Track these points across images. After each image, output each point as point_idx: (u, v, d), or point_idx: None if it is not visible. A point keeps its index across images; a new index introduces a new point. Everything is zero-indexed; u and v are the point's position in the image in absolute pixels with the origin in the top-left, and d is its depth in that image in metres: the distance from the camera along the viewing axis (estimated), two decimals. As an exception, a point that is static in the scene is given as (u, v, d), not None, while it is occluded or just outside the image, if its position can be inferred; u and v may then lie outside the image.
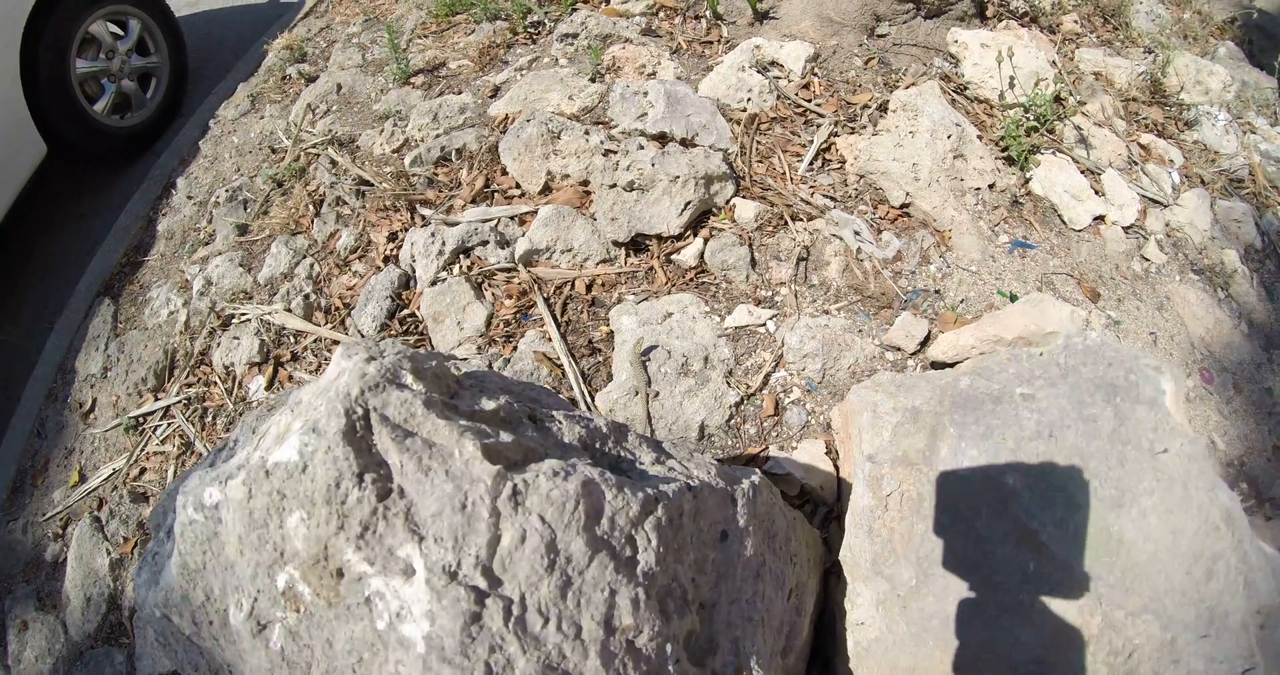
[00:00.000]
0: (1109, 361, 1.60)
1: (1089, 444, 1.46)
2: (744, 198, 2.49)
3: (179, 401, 2.98)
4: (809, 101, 2.85)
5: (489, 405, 1.08)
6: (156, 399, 3.05)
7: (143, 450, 2.97)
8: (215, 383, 2.95)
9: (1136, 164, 3.60)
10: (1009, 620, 1.39)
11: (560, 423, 1.17)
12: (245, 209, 3.14)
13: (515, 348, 2.39)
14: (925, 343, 2.48)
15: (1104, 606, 1.37)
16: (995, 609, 1.40)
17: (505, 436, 0.99)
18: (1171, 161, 3.69)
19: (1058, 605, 1.37)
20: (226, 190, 3.22)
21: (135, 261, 3.50)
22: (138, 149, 3.98)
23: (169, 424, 2.99)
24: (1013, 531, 1.40)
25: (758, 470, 1.46)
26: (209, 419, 2.92)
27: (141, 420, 3.03)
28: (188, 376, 3.05)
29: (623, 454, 1.21)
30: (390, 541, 0.88)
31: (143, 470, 3.00)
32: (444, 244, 2.51)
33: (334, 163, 2.98)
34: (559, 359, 2.32)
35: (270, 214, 3.01)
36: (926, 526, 1.45)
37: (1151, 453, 1.46)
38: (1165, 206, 3.47)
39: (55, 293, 3.94)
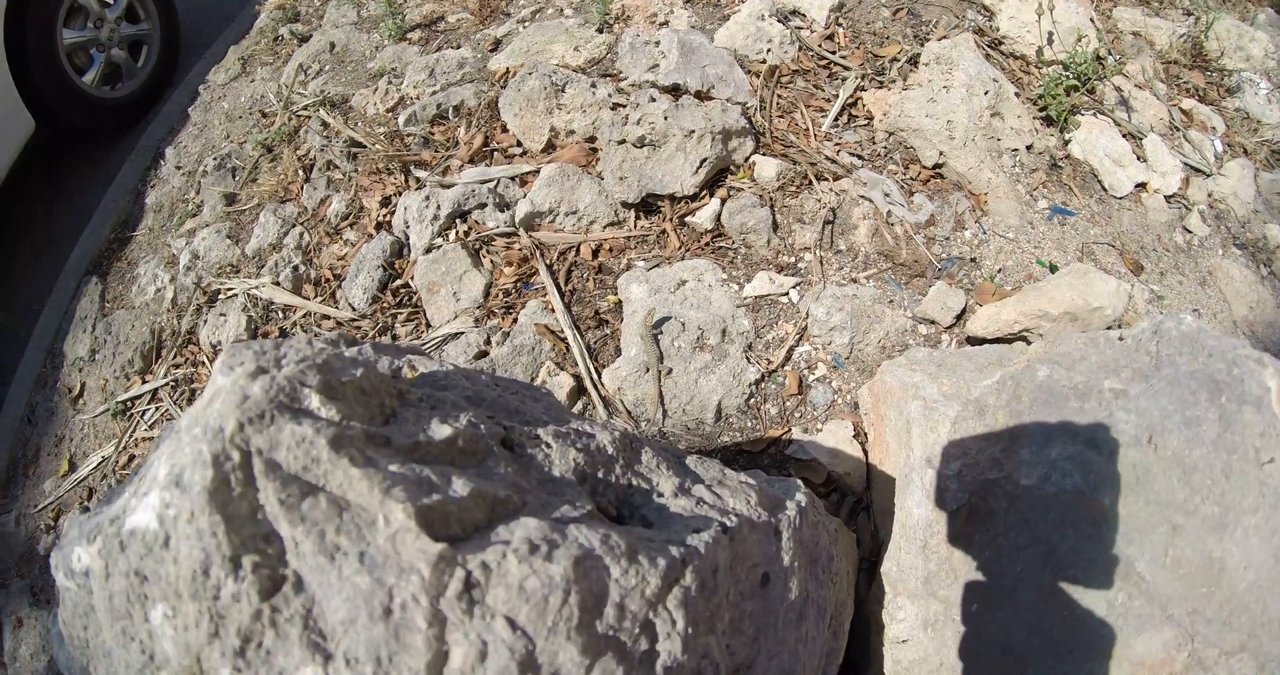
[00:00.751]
0: (1209, 352, 1.31)
1: (1192, 452, 1.18)
2: (764, 155, 2.21)
3: (166, 384, 2.75)
4: (833, 53, 2.56)
5: (442, 431, 0.78)
6: (144, 382, 2.82)
7: (131, 436, 2.74)
8: (203, 363, 2.71)
9: (1178, 130, 3.28)
10: (1082, 656, 1.13)
11: (548, 447, 0.89)
12: (234, 177, 2.89)
13: (515, 320, 2.13)
14: (961, 316, 2.20)
15: (1195, 644, 1.11)
16: (1070, 643, 1.14)
17: (458, 487, 0.69)
18: (1214, 129, 3.36)
19: (1143, 641, 1.10)
20: (215, 158, 2.96)
21: (123, 237, 3.26)
22: (130, 120, 3.73)
23: (157, 408, 2.76)
24: (1103, 558, 1.13)
25: (799, 482, 1.18)
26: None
27: (129, 404, 2.80)
28: (175, 357, 2.81)
29: (635, 483, 0.94)
30: (282, 662, 0.60)
31: (131, 457, 2.77)
32: (439, 208, 2.24)
33: (325, 125, 2.71)
34: (563, 332, 2.05)
35: (259, 181, 2.75)
36: (997, 548, 1.18)
37: (1258, 463, 1.18)
38: (1208, 176, 3.16)
39: (49, 274, 3.70)
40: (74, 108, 3.53)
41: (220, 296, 2.71)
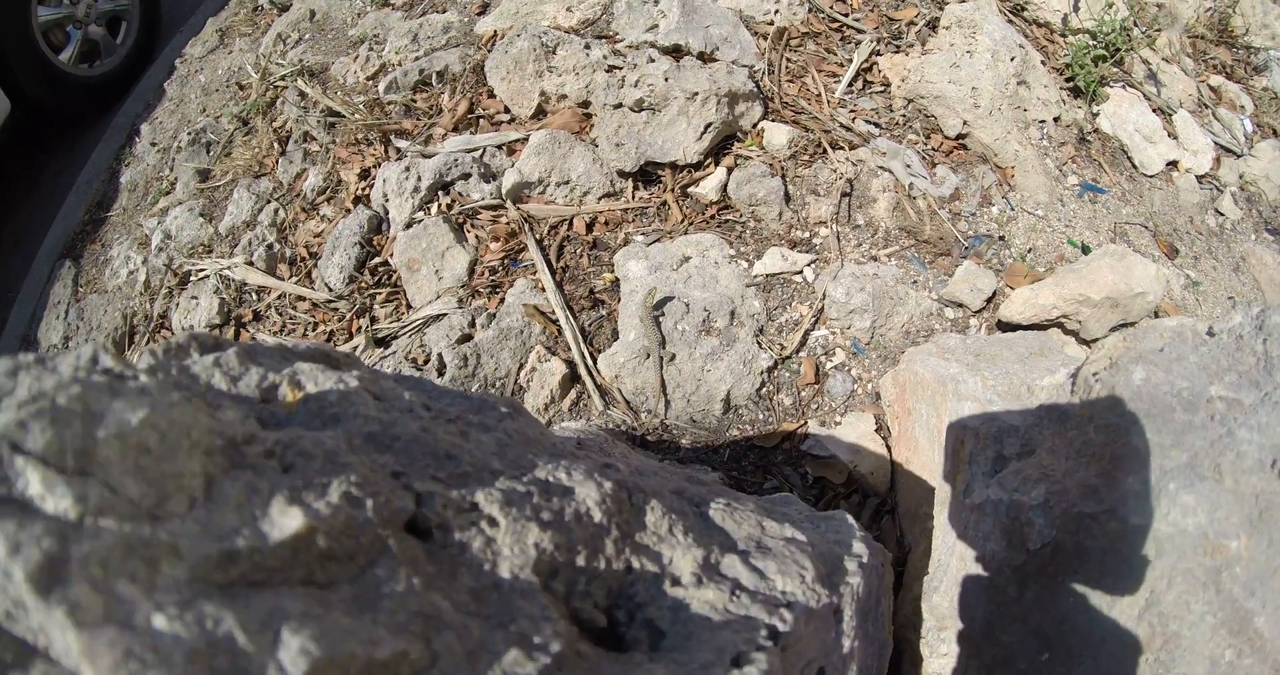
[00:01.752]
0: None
1: (1324, 482, 0.92)
2: (774, 121, 1.94)
3: (137, 368, 2.46)
4: (846, 15, 2.29)
5: (286, 522, 0.47)
6: (115, 366, 2.53)
7: (100, 422, 2.46)
8: (175, 346, 2.43)
9: (1207, 107, 3.00)
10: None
11: (493, 525, 0.59)
12: (208, 152, 2.62)
13: (502, 300, 1.87)
14: (991, 299, 1.94)
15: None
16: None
17: (293, 651, 0.40)
18: (1242, 107, 3.09)
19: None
20: (189, 133, 2.69)
21: (98, 218, 2.99)
22: (110, 99, 3.44)
23: (127, 393, 2.48)
24: (1218, 610, 0.86)
25: (851, 521, 0.91)
26: (167, 387, 2.40)
27: (99, 389, 2.51)
28: (148, 342, 2.54)
29: (638, 565, 0.64)
30: None
31: (100, 444, 2.49)
32: (419, 179, 1.97)
33: (302, 95, 2.43)
34: (554, 313, 1.79)
35: (232, 155, 2.48)
36: (1086, 594, 0.92)
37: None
38: (1239, 156, 2.88)
39: (29, 259, 3.42)
40: (50, 88, 3.26)
41: (192, 278, 2.44)
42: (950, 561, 1.15)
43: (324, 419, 0.58)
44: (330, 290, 2.15)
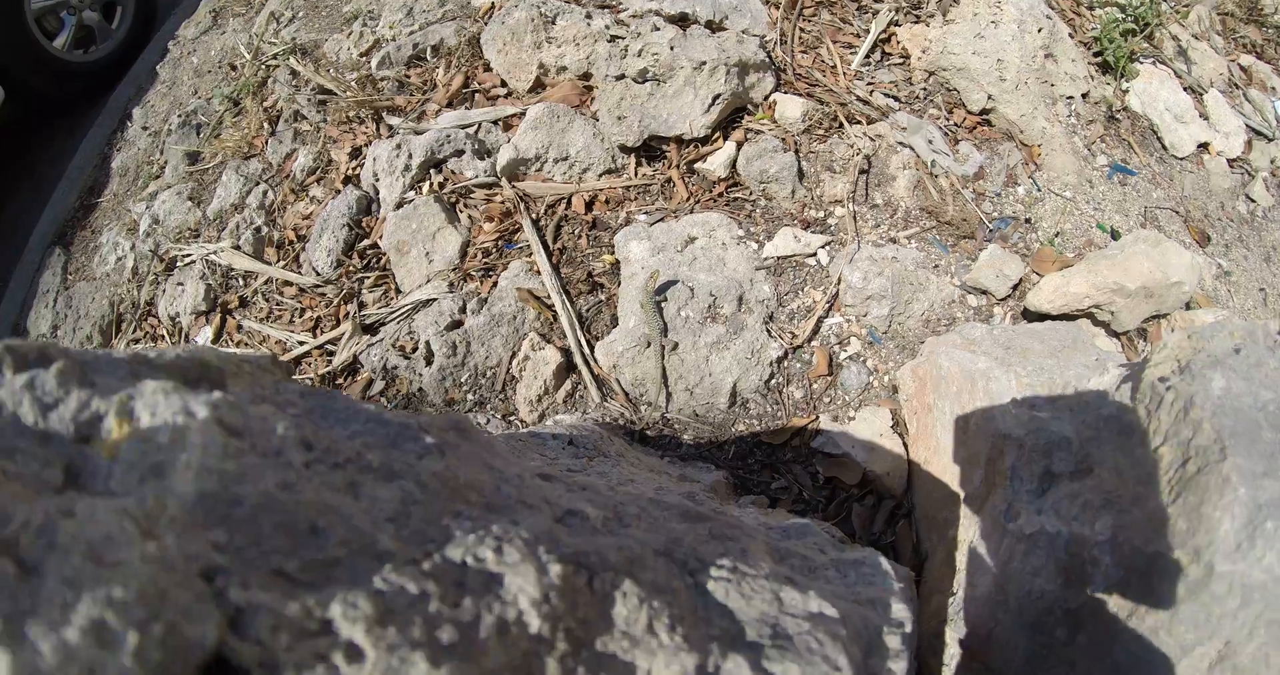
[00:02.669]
0: None
1: None
2: (787, 93, 1.77)
3: (125, 357, 2.33)
4: (865, -15, 2.10)
5: None
6: (103, 354, 2.40)
7: (87, 412, 2.32)
8: (163, 336, 2.30)
9: (1238, 87, 2.80)
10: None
11: (349, 658, 0.39)
12: (198, 134, 2.48)
13: (495, 284, 1.72)
14: (1017, 286, 1.77)
15: None
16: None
17: None
18: (1274, 89, 2.88)
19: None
20: (180, 115, 2.55)
21: (89, 204, 2.85)
22: (105, 85, 3.30)
23: (115, 382, 2.35)
24: None
25: (890, 571, 0.73)
26: (154, 376, 2.27)
27: (87, 378, 2.38)
28: (135, 331, 2.41)
29: None
30: None
31: (88, 434, 2.36)
32: (410, 157, 1.82)
33: (294, 73, 2.28)
34: (549, 298, 1.64)
35: (222, 137, 2.33)
36: (1149, 640, 0.74)
37: None
38: (1270, 140, 2.68)
39: (22, 246, 3.30)
40: (45, 74, 3.15)
41: (178, 264, 2.30)
42: (983, 587, 0.99)
43: (145, 470, 0.39)
44: (318, 274, 2.00)
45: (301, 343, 1.94)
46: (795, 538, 0.86)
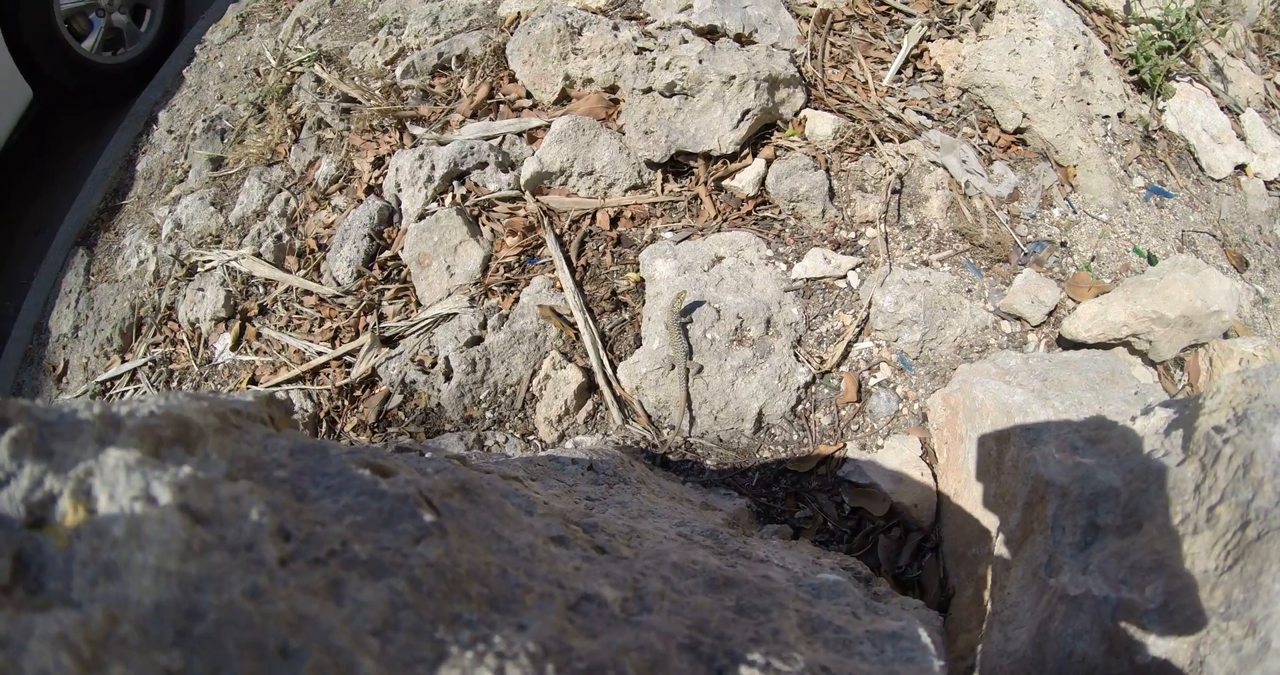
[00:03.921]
0: None
1: None
2: (818, 109, 1.70)
3: (145, 364, 2.32)
4: (896, -1, 2.02)
5: None
6: (123, 361, 2.40)
7: (107, 416, 2.29)
8: (182, 341, 2.27)
9: (1274, 106, 2.69)
10: None
11: None
12: (222, 140, 2.44)
13: (517, 300, 1.66)
14: (1053, 312, 1.68)
15: None
16: None
17: None
18: (1310, 108, 2.76)
19: None
20: (205, 120, 2.52)
21: (114, 206, 2.83)
22: (133, 87, 3.28)
23: (135, 389, 2.33)
24: None
25: (932, 651, 0.65)
26: (175, 384, 2.25)
27: (108, 385, 2.38)
28: (155, 334, 2.38)
29: None
30: None
31: (108, 438, 2.33)
32: (433, 168, 1.76)
33: (319, 80, 2.23)
34: (571, 316, 1.57)
35: (245, 143, 2.29)
36: None
37: None
38: (1307, 161, 2.56)
39: (46, 247, 3.29)
40: (73, 75, 3.12)
41: (199, 270, 2.26)
42: (1017, 642, 0.91)
43: (99, 569, 0.32)
44: (338, 284, 1.95)
45: (320, 353, 1.89)
46: (827, 598, 0.78)
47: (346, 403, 1.85)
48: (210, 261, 2.22)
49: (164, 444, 0.43)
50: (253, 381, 2.02)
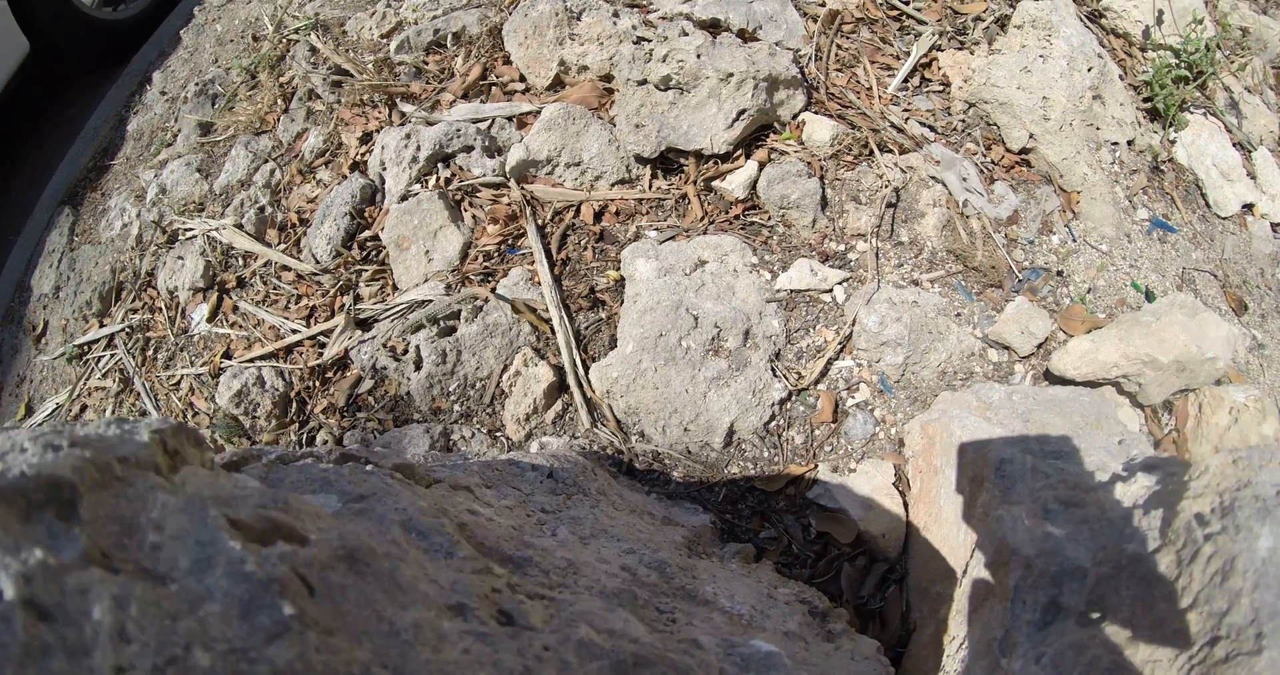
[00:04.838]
0: None
1: None
2: (817, 114, 1.61)
3: (122, 329, 2.25)
4: (906, 3, 1.93)
5: None
6: (101, 326, 2.33)
7: (85, 384, 2.26)
8: (160, 309, 2.19)
9: (1287, 146, 2.59)
10: None
11: None
12: (213, 105, 2.34)
13: (494, 289, 1.57)
14: (1042, 345, 1.61)
15: None
16: None
17: None
18: (1324, 150, 2.67)
19: None
20: (198, 83, 2.42)
21: (102, 166, 2.73)
22: (131, 45, 3.16)
23: (111, 355, 2.26)
24: None
25: None
26: (150, 352, 2.18)
27: (85, 349, 2.31)
28: (133, 300, 2.30)
29: None
30: None
31: (84, 407, 2.28)
32: (419, 148, 1.67)
33: (313, 50, 2.14)
34: (546, 311, 1.50)
35: (235, 110, 2.19)
36: None
37: None
38: (1317, 207, 2.47)
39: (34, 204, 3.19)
40: (72, 30, 3.01)
41: (180, 237, 2.18)
42: None
43: None
44: (317, 262, 1.87)
45: (295, 331, 1.82)
46: (755, 673, 0.69)
47: (318, 384, 1.77)
48: (192, 230, 2.14)
49: (34, 507, 0.35)
50: (227, 355, 1.95)
